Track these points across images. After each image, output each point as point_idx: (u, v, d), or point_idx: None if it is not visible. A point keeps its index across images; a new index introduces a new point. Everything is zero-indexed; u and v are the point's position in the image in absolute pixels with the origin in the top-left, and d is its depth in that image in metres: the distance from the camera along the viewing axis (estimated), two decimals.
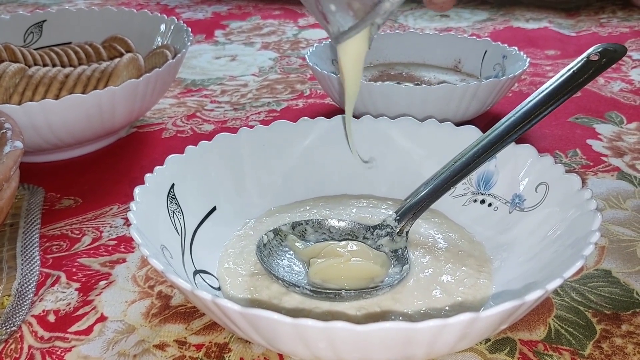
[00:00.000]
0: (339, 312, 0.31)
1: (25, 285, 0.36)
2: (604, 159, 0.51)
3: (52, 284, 0.37)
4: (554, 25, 0.92)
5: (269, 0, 1.10)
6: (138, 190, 0.33)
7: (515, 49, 0.60)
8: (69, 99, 0.45)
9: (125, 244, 0.41)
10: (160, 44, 0.61)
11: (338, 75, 0.45)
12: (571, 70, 0.38)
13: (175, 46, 0.58)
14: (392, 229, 0.37)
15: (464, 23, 0.95)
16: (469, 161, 0.37)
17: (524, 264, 0.34)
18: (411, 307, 0.32)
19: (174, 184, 0.36)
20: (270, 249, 0.36)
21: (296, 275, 0.34)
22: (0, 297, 0.35)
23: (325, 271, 0.33)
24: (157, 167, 0.36)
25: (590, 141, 0.54)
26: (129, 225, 0.30)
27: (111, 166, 0.52)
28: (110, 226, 0.43)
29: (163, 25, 0.62)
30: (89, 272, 0.38)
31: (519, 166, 0.38)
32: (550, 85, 0.38)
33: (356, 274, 0.33)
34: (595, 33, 0.89)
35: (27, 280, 0.37)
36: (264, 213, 0.41)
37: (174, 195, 0.36)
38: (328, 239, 0.37)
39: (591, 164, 0.50)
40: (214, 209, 0.39)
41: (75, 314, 0.34)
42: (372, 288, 0.32)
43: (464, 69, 0.65)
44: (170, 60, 0.52)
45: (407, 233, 0.37)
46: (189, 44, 0.56)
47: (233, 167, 0.41)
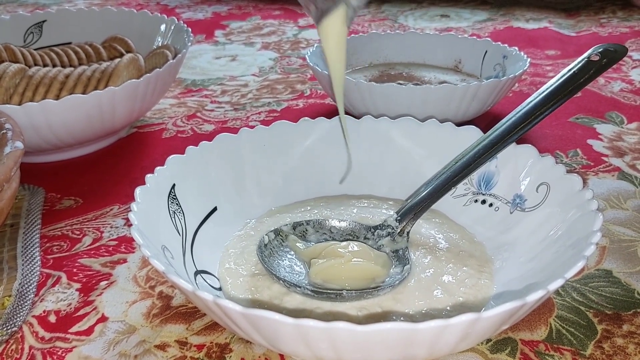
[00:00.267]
0: (340, 313, 0.31)
1: (26, 285, 0.36)
2: (605, 159, 0.51)
3: (53, 285, 0.37)
4: (554, 26, 0.92)
5: (269, 1, 1.10)
6: (139, 190, 0.33)
7: (516, 49, 0.59)
8: (69, 99, 0.45)
9: (126, 244, 0.41)
10: (160, 44, 0.61)
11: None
12: (571, 71, 0.38)
13: (176, 46, 0.58)
14: (393, 229, 0.37)
15: (464, 23, 0.95)
16: (470, 161, 0.37)
17: (525, 264, 0.34)
18: (412, 308, 0.32)
19: (174, 185, 0.36)
20: (271, 249, 0.36)
21: (297, 276, 0.34)
22: (1, 298, 0.35)
23: (326, 271, 0.33)
24: (158, 168, 0.36)
25: (590, 141, 0.54)
26: (130, 225, 0.30)
27: (112, 166, 0.52)
28: (111, 226, 0.43)
29: (163, 25, 0.62)
30: (89, 273, 0.38)
31: (520, 166, 0.38)
32: (550, 86, 0.38)
33: (357, 275, 0.33)
34: (596, 33, 0.89)
35: (28, 280, 0.36)
36: (264, 213, 0.41)
37: (175, 195, 0.36)
38: (329, 239, 0.37)
39: (592, 164, 0.50)
40: (215, 209, 0.39)
41: (76, 315, 0.34)
42: (373, 288, 0.32)
43: (465, 69, 0.65)
44: (171, 61, 0.52)
45: (408, 233, 0.37)
46: (189, 44, 0.56)
47: (234, 168, 0.41)
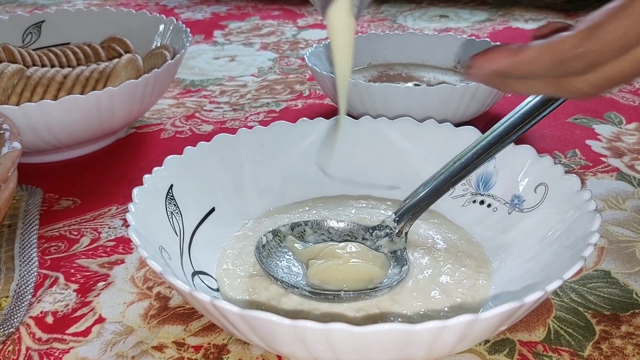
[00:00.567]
0: (337, 314, 0.31)
1: (23, 286, 0.36)
2: (603, 159, 0.51)
3: (50, 285, 0.37)
4: None
5: (268, 1, 1.10)
6: (136, 191, 0.33)
7: None
8: (68, 99, 0.45)
9: (123, 245, 0.41)
10: (159, 45, 0.61)
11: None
12: None
13: (174, 47, 0.58)
14: (391, 229, 0.37)
15: (463, 23, 0.95)
16: (468, 162, 0.37)
17: (523, 265, 0.33)
18: (410, 309, 0.32)
19: (172, 185, 0.36)
20: (269, 250, 0.36)
21: (295, 277, 0.34)
22: None
23: (324, 272, 0.33)
24: (156, 168, 0.36)
25: (589, 142, 0.54)
26: (128, 226, 0.30)
27: (110, 167, 0.52)
28: (109, 227, 0.43)
29: (162, 25, 0.62)
30: (87, 274, 0.38)
31: (518, 167, 0.38)
32: None
33: (355, 276, 0.33)
34: None
35: (25, 281, 0.36)
36: (262, 214, 0.41)
37: (173, 196, 0.36)
38: (327, 240, 0.37)
39: (590, 164, 0.50)
40: (213, 209, 0.39)
41: (73, 315, 0.34)
42: (371, 289, 0.32)
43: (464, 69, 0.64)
44: (169, 61, 0.52)
45: (406, 234, 0.37)
46: (187, 44, 0.56)
47: (232, 168, 0.40)
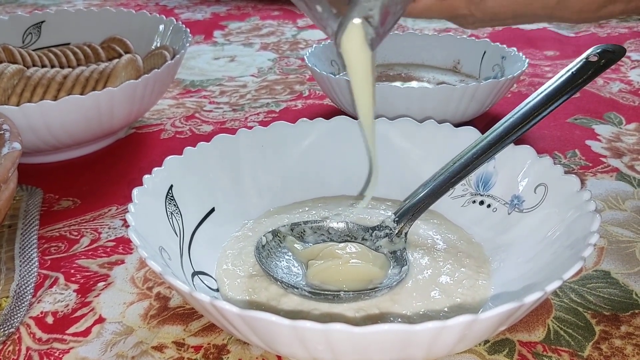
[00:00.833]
0: (337, 314, 0.31)
1: (24, 286, 0.36)
2: (603, 159, 0.51)
3: (51, 286, 0.37)
4: (552, 26, 0.92)
5: (268, 1, 1.10)
6: (136, 191, 0.33)
7: (514, 49, 0.59)
8: (67, 100, 0.45)
9: (123, 245, 0.41)
10: (159, 45, 0.61)
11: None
12: (570, 71, 0.38)
13: (174, 47, 0.58)
14: (391, 230, 0.37)
15: None
16: (468, 162, 0.37)
17: (523, 265, 0.33)
18: (410, 309, 0.32)
19: (172, 185, 0.36)
20: (269, 250, 0.36)
21: (295, 277, 0.34)
22: None
23: (324, 273, 0.33)
24: (156, 169, 0.36)
25: (589, 142, 0.54)
26: (128, 226, 0.30)
27: (110, 167, 0.52)
28: (109, 227, 0.43)
29: (162, 26, 0.62)
30: (87, 274, 0.38)
31: (518, 167, 0.38)
32: (549, 86, 0.38)
33: (355, 276, 0.33)
34: (594, 34, 0.89)
35: (25, 281, 0.36)
36: (262, 214, 0.41)
37: (173, 196, 0.36)
38: (327, 240, 0.37)
39: (590, 164, 0.50)
40: (213, 210, 0.39)
41: (73, 316, 0.34)
42: (371, 289, 0.32)
43: (463, 69, 0.65)
44: (169, 61, 0.52)
45: (406, 234, 0.37)
46: (187, 44, 0.56)
47: (232, 168, 0.40)
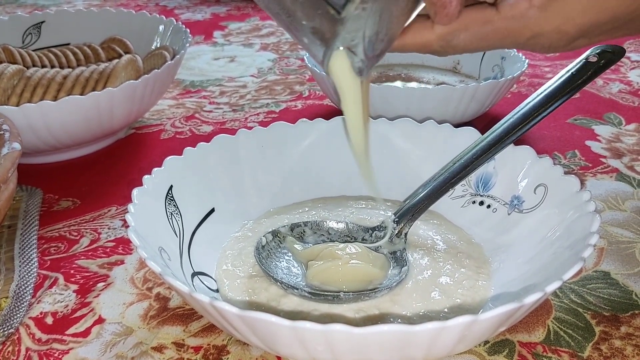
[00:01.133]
0: (337, 315, 0.31)
1: (23, 287, 0.36)
2: (603, 160, 0.51)
3: (50, 286, 0.37)
4: None
5: None
6: (136, 192, 0.33)
7: (514, 50, 0.59)
8: (67, 100, 0.45)
9: (123, 245, 0.41)
10: (158, 45, 0.61)
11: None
12: (570, 72, 0.38)
13: (174, 47, 0.58)
14: (391, 230, 0.37)
15: None
16: (468, 163, 0.37)
17: (523, 266, 0.33)
18: (410, 309, 0.32)
19: (172, 186, 0.36)
20: (268, 250, 0.36)
21: (294, 278, 0.34)
22: None
23: (324, 273, 0.33)
24: (156, 169, 0.36)
25: (589, 142, 0.54)
26: (127, 227, 0.30)
27: (109, 168, 0.52)
28: (109, 228, 0.43)
29: (162, 26, 0.62)
30: (87, 274, 0.38)
31: (518, 168, 0.38)
32: (548, 87, 0.38)
33: (355, 277, 0.33)
34: None
35: (25, 282, 0.36)
36: (262, 214, 0.41)
37: (172, 197, 0.36)
38: (327, 241, 0.37)
39: (590, 165, 0.50)
40: (213, 210, 0.39)
41: (73, 316, 0.34)
42: (371, 290, 0.32)
43: (463, 70, 0.64)
44: (169, 62, 0.52)
45: (406, 234, 0.37)
46: (187, 45, 0.56)
47: (231, 169, 0.40)
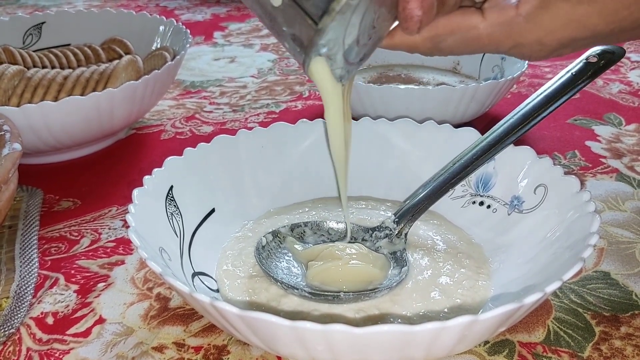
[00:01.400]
0: (337, 315, 0.31)
1: (24, 287, 0.36)
2: (603, 160, 0.51)
3: (51, 286, 0.37)
4: None
5: None
6: (137, 192, 0.33)
7: None
8: (68, 101, 0.45)
9: (123, 245, 0.41)
10: (159, 46, 0.61)
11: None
12: (570, 72, 0.38)
13: (174, 48, 0.58)
14: (391, 230, 0.37)
15: None
16: (468, 163, 0.37)
17: (523, 266, 0.33)
18: (410, 310, 0.32)
19: (172, 186, 0.36)
20: (269, 250, 0.36)
21: (295, 278, 0.34)
22: None
23: (324, 273, 0.33)
24: (156, 169, 0.36)
25: (589, 143, 0.54)
26: (128, 227, 0.30)
27: (110, 168, 0.52)
28: (109, 228, 0.43)
29: (162, 27, 0.62)
30: (87, 274, 0.38)
31: (518, 168, 0.38)
32: (548, 87, 0.38)
33: (355, 277, 0.33)
34: None
35: (26, 282, 0.36)
36: (262, 215, 0.41)
37: (173, 197, 0.36)
38: (327, 241, 0.37)
39: (590, 165, 0.50)
40: (213, 210, 0.39)
41: (73, 316, 0.34)
42: (371, 290, 0.32)
43: (463, 70, 0.65)
44: (169, 62, 0.52)
45: (406, 235, 0.37)
46: (187, 45, 0.56)
47: (232, 169, 0.40)
